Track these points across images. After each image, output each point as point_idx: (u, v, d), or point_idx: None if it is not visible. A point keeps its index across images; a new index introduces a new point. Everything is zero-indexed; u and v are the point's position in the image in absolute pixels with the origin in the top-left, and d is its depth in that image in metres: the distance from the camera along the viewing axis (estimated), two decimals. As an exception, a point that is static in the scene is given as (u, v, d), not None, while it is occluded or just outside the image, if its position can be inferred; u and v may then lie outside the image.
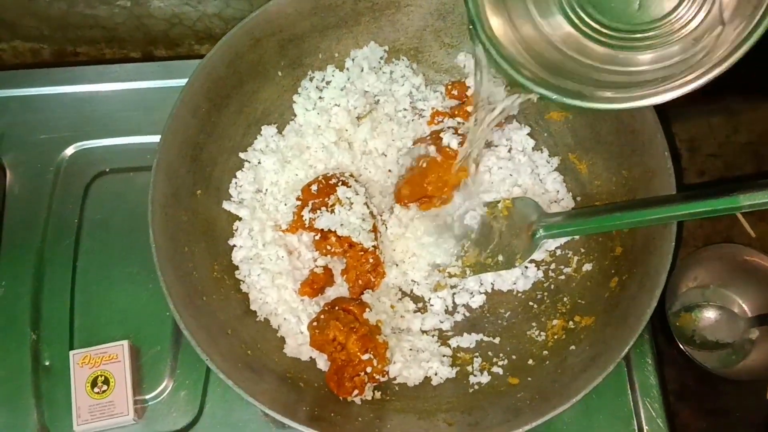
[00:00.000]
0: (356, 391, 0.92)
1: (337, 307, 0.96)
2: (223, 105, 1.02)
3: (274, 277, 1.00)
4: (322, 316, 0.96)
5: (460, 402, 0.93)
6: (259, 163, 1.06)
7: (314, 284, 0.99)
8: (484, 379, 0.96)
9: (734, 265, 1.12)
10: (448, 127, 1.06)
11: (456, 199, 1.04)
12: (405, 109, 1.11)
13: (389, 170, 1.09)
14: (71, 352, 1.00)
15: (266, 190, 1.06)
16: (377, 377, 0.93)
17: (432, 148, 1.03)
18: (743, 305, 1.13)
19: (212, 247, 1.00)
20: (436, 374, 0.97)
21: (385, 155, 1.09)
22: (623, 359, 1.01)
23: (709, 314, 1.12)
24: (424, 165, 1.03)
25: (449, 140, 1.03)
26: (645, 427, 1.00)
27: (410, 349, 0.98)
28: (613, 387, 1.02)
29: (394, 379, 0.97)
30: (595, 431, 1.00)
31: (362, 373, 0.92)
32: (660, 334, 1.09)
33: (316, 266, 1.02)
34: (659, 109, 0.94)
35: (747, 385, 1.10)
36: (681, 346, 1.05)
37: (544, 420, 0.82)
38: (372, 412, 0.92)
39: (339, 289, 1.02)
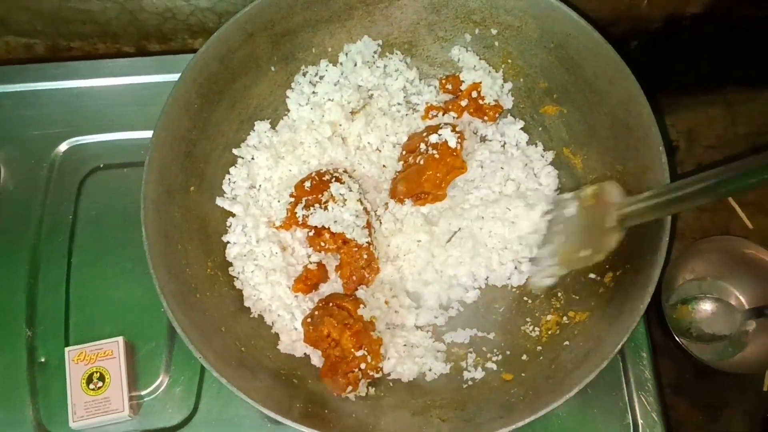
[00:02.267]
0: (350, 387, 0.92)
1: (331, 304, 0.96)
2: (216, 101, 1.02)
3: (267, 273, 1.00)
4: (316, 313, 0.96)
5: (454, 398, 0.94)
6: (252, 158, 1.06)
7: (308, 281, 0.99)
8: (478, 374, 0.96)
9: (731, 258, 1.12)
10: (445, 124, 1.06)
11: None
12: (399, 104, 1.11)
13: (384, 165, 1.09)
14: (66, 349, 1.01)
15: (260, 186, 1.06)
16: (371, 373, 0.94)
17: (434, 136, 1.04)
18: (740, 297, 1.13)
19: (206, 244, 1.00)
20: (430, 370, 0.97)
21: (380, 150, 1.09)
22: (618, 354, 1.02)
23: (706, 307, 1.12)
24: (422, 162, 1.03)
25: (447, 138, 1.03)
26: (640, 422, 1.01)
27: (404, 345, 0.99)
28: (608, 381, 1.03)
29: (389, 374, 0.97)
30: (590, 425, 1.01)
31: (356, 370, 0.92)
32: (656, 326, 1.09)
33: (310, 262, 1.02)
34: (653, 102, 0.94)
35: (744, 377, 1.11)
36: (677, 339, 1.05)
37: (537, 416, 0.82)
38: (366, 408, 0.92)
39: (333, 285, 1.02)
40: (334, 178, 1.01)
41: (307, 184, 1.01)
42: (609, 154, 1.00)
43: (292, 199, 1.02)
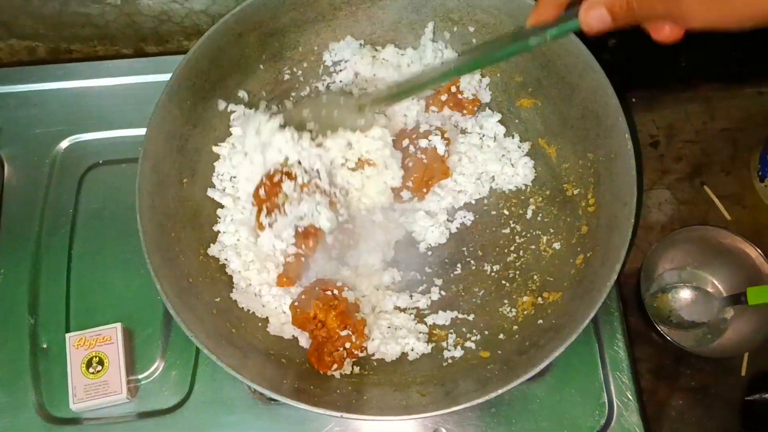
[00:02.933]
0: (335, 366, 0.96)
1: (317, 288, 1.00)
2: (207, 98, 1.06)
3: (255, 261, 1.03)
4: (303, 297, 0.99)
5: (434, 375, 0.97)
6: (246, 154, 1.08)
7: (290, 273, 1.02)
8: (458, 353, 1.00)
9: (709, 247, 1.14)
10: (436, 129, 1.09)
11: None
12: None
13: None
14: (67, 335, 1.04)
15: (246, 177, 1.07)
16: (356, 352, 0.97)
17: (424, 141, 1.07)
18: (718, 285, 1.16)
19: (198, 233, 1.03)
20: (412, 350, 1.01)
21: None
22: (594, 336, 1.06)
23: (685, 295, 1.14)
24: (410, 164, 1.07)
25: (437, 144, 1.07)
26: (615, 400, 1.04)
27: (388, 327, 1.02)
28: (584, 362, 1.06)
29: (373, 354, 1.00)
30: (567, 404, 1.04)
31: (341, 349, 0.96)
32: (637, 315, 1.12)
33: (288, 255, 1.03)
34: (630, 100, 0.97)
35: (723, 362, 1.13)
36: (657, 327, 1.07)
37: (509, 387, 0.86)
38: (350, 385, 0.96)
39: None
40: (284, 176, 1.00)
41: (261, 191, 1.01)
42: (581, 144, 1.04)
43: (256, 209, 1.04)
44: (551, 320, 0.95)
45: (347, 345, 0.96)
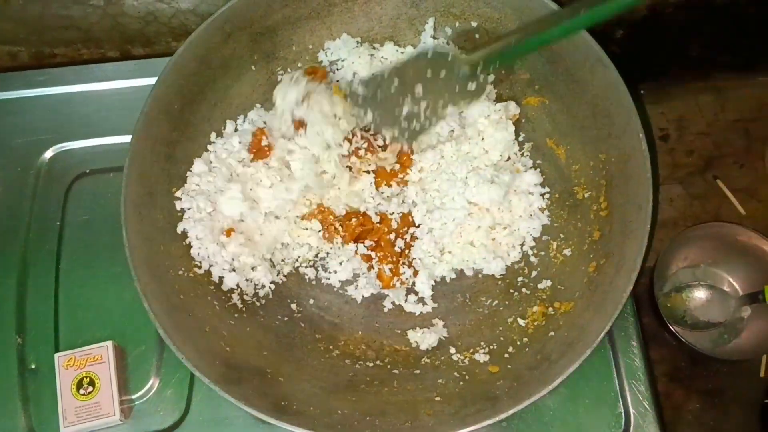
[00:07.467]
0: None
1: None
2: (197, 101, 1.02)
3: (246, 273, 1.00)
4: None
5: (441, 392, 0.93)
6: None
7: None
8: (465, 368, 0.96)
9: (724, 244, 1.11)
10: None
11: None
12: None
13: None
14: (56, 355, 1.01)
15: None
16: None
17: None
18: (734, 283, 1.13)
19: (189, 246, 0.99)
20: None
21: None
22: (608, 343, 1.03)
23: (700, 294, 1.11)
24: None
25: None
26: (632, 410, 1.00)
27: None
28: (598, 371, 1.02)
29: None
30: (582, 415, 1.00)
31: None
32: (650, 316, 1.09)
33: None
34: (641, 91, 0.94)
35: (740, 364, 1.11)
36: (671, 328, 1.05)
37: (520, 407, 0.83)
38: (353, 404, 0.92)
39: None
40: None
41: None
42: (591, 144, 1.00)
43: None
44: (563, 332, 0.92)
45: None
